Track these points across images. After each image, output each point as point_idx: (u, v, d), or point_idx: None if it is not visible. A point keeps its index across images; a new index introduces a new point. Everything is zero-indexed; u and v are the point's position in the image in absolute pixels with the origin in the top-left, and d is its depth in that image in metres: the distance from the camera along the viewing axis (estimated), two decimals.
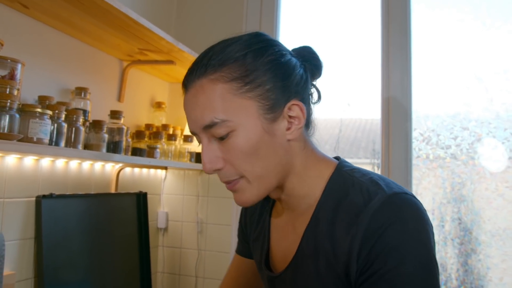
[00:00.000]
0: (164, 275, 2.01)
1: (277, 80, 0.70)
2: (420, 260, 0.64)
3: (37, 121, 1.07)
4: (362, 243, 0.66)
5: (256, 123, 0.69)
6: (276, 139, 0.71)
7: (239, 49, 0.70)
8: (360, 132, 2.34)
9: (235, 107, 0.68)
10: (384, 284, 0.64)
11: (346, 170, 0.76)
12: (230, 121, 0.68)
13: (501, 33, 1.77)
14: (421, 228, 0.66)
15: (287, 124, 0.72)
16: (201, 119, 0.69)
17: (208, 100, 0.68)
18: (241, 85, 0.68)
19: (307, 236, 0.74)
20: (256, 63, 0.69)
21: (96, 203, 1.55)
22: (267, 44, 0.72)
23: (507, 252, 1.67)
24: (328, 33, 1.97)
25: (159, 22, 1.99)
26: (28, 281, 1.30)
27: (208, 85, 0.69)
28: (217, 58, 0.69)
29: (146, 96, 1.93)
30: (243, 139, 0.69)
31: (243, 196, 0.73)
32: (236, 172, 0.71)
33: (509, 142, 1.71)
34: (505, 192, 1.69)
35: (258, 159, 0.70)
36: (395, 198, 0.68)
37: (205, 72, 0.69)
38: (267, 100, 0.69)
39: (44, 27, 1.36)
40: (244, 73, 0.68)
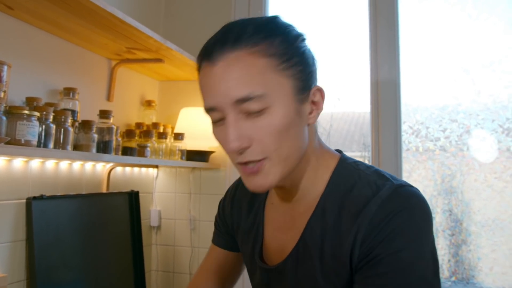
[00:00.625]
0: (158, 273, 2.02)
1: (307, 64, 0.71)
2: (422, 250, 0.66)
3: (24, 123, 1.07)
4: (368, 230, 0.67)
5: (290, 102, 0.68)
6: (302, 121, 0.70)
7: (279, 27, 0.70)
8: (353, 125, 2.35)
9: (273, 82, 0.66)
10: (382, 267, 0.65)
11: (350, 163, 0.77)
12: (268, 96, 0.65)
13: (487, 25, 1.78)
14: (426, 219, 0.68)
15: (310, 108, 0.72)
16: (235, 92, 0.65)
17: (247, 73, 0.65)
18: (281, 61, 0.67)
19: (310, 227, 0.74)
20: (294, 43, 0.70)
21: (87, 203, 1.55)
22: (298, 33, 0.74)
23: (496, 242, 1.69)
24: (316, 27, 1.97)
25: (147, 20, 1.98)
26: (20, 283, 1.30)
27: (246, 58, 0.66)
28: (252, 33, 0.67)
29: (135, 94, 1.92)
30: (278, 117, 0.66)
31: (264, 179, 0.68)
32: (262, 151, 0.67)
33: (497, 133, 1.73)
34: (494, 183, 1.71)
35: (288, 139, 0.68)
36: (403, 189, 0.69)
37: (240, 44, 0.66)
38: (300, 81, 0.69)
39: (29, 28, 1.35)
40: (284, 51, 0.68)
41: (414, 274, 0.64)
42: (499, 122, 1.72)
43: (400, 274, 0.64)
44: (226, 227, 0.95)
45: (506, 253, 1.68)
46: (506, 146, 1.72)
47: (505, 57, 1.74)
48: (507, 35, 1.74)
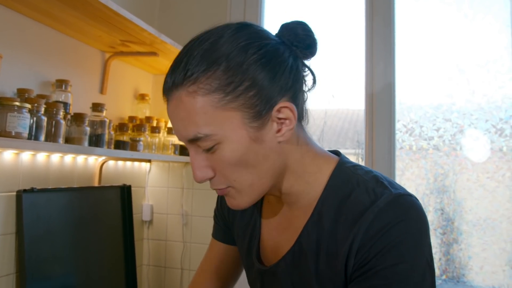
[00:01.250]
0: (150, 268, 2.01)
1: (262, 83, 0.65)
2: (418, 262, 0.65)
3: (15, 115, 1.05)
4: (364, 240, 0.65)
5: (242, 134, 0.65)
6: (265, 145, 0.67)
7: (216, 55, 0.64)
8: (346, 123, 2.35)
9: (218, 120, 0.64)
10: (378, 280, 0.64)
11: (348, 167, 0.74)
12: (215, 135, 0.64)
13: (483, 25, 1.78)
14: (423, 231, 0.67)
15: (277, 126, 0.68)
16: (185, 133, 0.66)
17: (189, 115, 0.64)
18: (222, 96, 0.63)
19: (307, 231, 0.73)
20: (233, 72, 0.64)
21: (79, 196, 1.53)
22: (248, 44, 0.65)
23: (487, 242, 1.70)
24: (313, 24, 1.96)
25: (142, 13, 1.96)
26: (9, 276, 1.29)
27: (187, 99, 0.64)
28: (192, 66, 0.64)
29: (129, 88, 1.91)
30: (229, 152, 0.65)
31: (234, 202, 0.71)
32: (224, 182, 0.69)
33: (490, 133, 1.73)
34: (486, 183, 1.72)
35: (247, 168, 0.67)
36: (402, 199, 0.67)
37: (182, 83, 0.64)
38: (251, 108, 0.64)
39: (22, 18, 1.33)
40: (224, 82, 0.63)
41: (409, 286, 0.64)
42: (493, 122, 1.73)
43: (396, 286, 0.63)
44: (224, 220, 0.93)
45: (496, 253, 1.69)
46: (498, 146, 1.72)
47: (500, 57, 1.74)
48: (502, 35, 1.75)
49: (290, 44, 0.71)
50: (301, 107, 0.73)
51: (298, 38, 0.71)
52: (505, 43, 1.73)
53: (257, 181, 0.69)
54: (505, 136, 1.71)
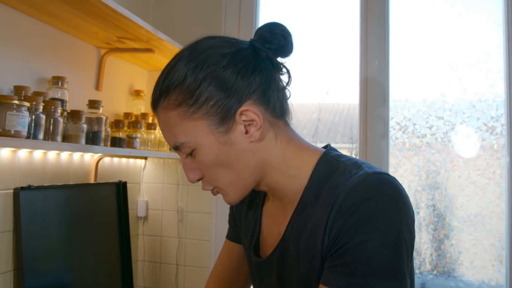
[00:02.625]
0: (145, 264, 2.02)
1: (221, 92, 0.71)
2: (388, 239, 0.65)
3: (14, 113, 1.05)
4: (335, 218, 0.68)
5: (210, 139, 0.72)
6: (237, 146, 0.73)
7: (178, 72, 0.72)
8: (337, 117, 2.37)
9: (188, 129, 0.72)
10: (348, 256, 0.65)
11: (332, 155, 0.77)
12: (189, 142, 0.72)
13: (475, 24, 1.81)
14: (395, 208, 0.67)
15: (244, 128, 0.73)
16: (169, 142, 0.76)
17: (167, 126, 0.74)
18: (186, 108, 0.71)
19: (293, 220, 0.77)
20: (194, 83, 0.70)
21: (75, 193, 1.53)
22: (205, 56, 0.72)
23: (477, 237, 1.74)
24: (308, 22, 1.97)
25: (136, 8, 1.95)
26: (7, 274, 1.29)
27: (162, 114, 0.74)
28: (163, 86, 0.73)
29: (124, 84, 1.90)
30: (203, 155, 0.73)
31: (226, 199, 0.78)
32: (210, 183, 0.77)
33: (481, 131, 1.77)
34: (476, 180, 1.76)
35: (224, 168, 0.74)
36: (374, 177, 0.69)
37: (158, 101, 0.74)
38: (214, 115, 0.71)
39: (17, 14, 1.32)
40: (186, 97, 0.71)
41: (381, 263, 0.64)
42: (484, 120, 1.76)
43: (366, 263, 0.64)
44: (234, 222, 0.97)
45: (486, 248, 1.73)
46: (489, 144, 1.76)
47: (492, 56, 1.77)
48: (494, 34, 1.77)
49: (262, 46, 0.75)
50: (279, 105, 0.76)
51: (271, 38, 0.75)
52: (496, 42, 1.76)
53: (236, 179, 0.75)
54: (496, 134, 1.75)
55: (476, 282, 1.74)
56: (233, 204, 0.80)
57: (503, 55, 1.73)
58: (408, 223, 0.68)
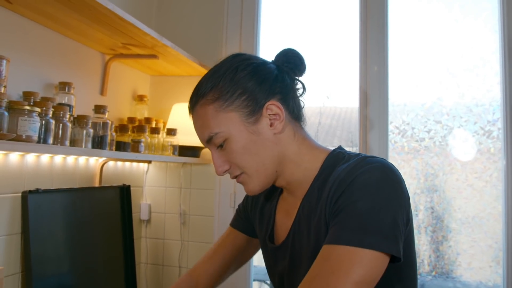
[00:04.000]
0: (148, 266, 2.04)
1: (248, 92, 0.86)
2: (378, 203, 0.74)
3: (26, 119, 1.08)
4: (335, 190, 0.79)
5: (241, 129, 0.86)
6: (262, 136, 0.87)
7: (214, 78, 0.88)
8: (335, 120, 2.40)
9: (222, 120, 0.86)
10: (341, 214, 0.75)
11: (341, 151, 0.90)
12: (222, 132, 0.86)
13: (472, 30, 1.85)
14: (387, 181, 0.77)
15: (269, 121, 0.87)
16: (203, 136, 0.89)
17: (203, 121, 0.88)
18: (222, 102, 0.86)
19: (303, 206, 0.89)
20: (228, 84, 0.86)
21: (81, 196, 1.56)
22: (237, 65, 0.88)
23: (475, 239, 1.78)
24: (309, 29, 2.01)
25: (139, 14, 1.98)
26: (15, 275, 1.31)
27: (200, 110, 0.88)
28: (202, 87, 0.88)
29: (128, 89, 1.93)
30: (235, 144, 0.86)
31: (248, 187, 0.90)
32: (237, 169, 0.88)
33: (479, 135, 1.80)
34: (474, 182, 1.80)
35: (251, 155, 0.86)
36: (372, 159, 0.81)
37: (197, 100, 0.88)
38: (245, 108, 0.86)
39: (26, 22, 1.35)
40: (222, 94, 0.86)
41: (369, 222, 0.72)
42: (481, 124, 1.80)
43: (356, 218, 0.73)
44: (246, 214, 1.10)
45: (484, 249, 1.77)
46: (486, 147, 1.80)
47: (489, 62, 1.81)
48: (490, 41, 1.82)
49: (281, 65, 0.92)
50: (296, 110, 0.92)
51: (289, 59, 0.93)
52: (493, 48, 1.81)
53: (261, 166, 0.87)
54: (493, 137, 1.79)
55: (474, 283, 1.78)
56: (254, 193, 0.90)
57: (499, 60, 1.77)
58: (399, 200, 0.76)
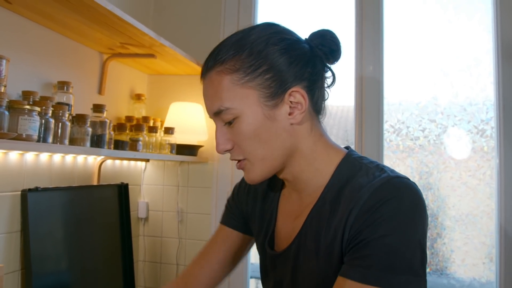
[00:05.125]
0: (146, 264, 2.06)
1: (276, 70, 0.76)
2: (408, 238, 0.68)
3: (26, 118, 1.09)
4: (358, 215, 0.71)
5: (257, 110, 0.76)
6: (278, 124, 0.77)
7: (238, 45, 0.77)
8: (331, 119, 2.42)
9: (238, 96, 0.75)
10: (367, 250, 0.69)
11: (355, 157, 0.82)
12: (234, 109, 0.76)
13: (466, 30, 1.87)
14: (416, 211, 0.71)
15: (289, 109, 0.77)
16: (211, 107, 0.78)
17: (215, 91, 0.77)
18: (243, 75, 0.75)
19: (312, 215, 0.80)
20: (254, 56, 0.75)
21: (79, 195, 1.57)
22: (269, 37, 0.77)
23: (469, 236, 1.81)
24: (305, 29, 2.02)
25: (136, 14, 1.99)
26: (15, 273, 1.33)
27: (215, 77, 0.77)
28: (223, 52, 0.77)
29: (125, 88, 1.94)
30: (245, 125, 0.76)
31: (248, 175, 0.80)
32: (241, 153, 0.79)
33: (472, 133, 1.83)
34: (468, 180, 1.82)
35: (260, 142, 0.77)
36: (397, 180, 0.73)
37: (213, 65, 0.77)
38: (267, 89, 0.75)
39: (25, 21, 1.36)
40: (250, 63, 0.75)
41: (398, 259, 0.67)
42: (474, 123, 1.83)
43: (385, 257, 0.67)
44: (239, 210, 1.00)
45: (477, 246, 1.80)
46: (480, 146, 1.82)
47: (482, 62, 1.84)
48: (484, 41, 1.84)
49: (315, 47, 0.81)
50: (319, 102, 0.82)
51: (324, 42, 0.82)
52: (486, 48, 1.83)
53: (269, 156, 0.78)
54: (486, 136, 1.81)
55: (468, 279, 1.80)
56: (254, 183, 0.81)
57: (492, 60, 1.80)
58: (424, 227, 0.72)
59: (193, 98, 2.00)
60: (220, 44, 0.79)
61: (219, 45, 0.79)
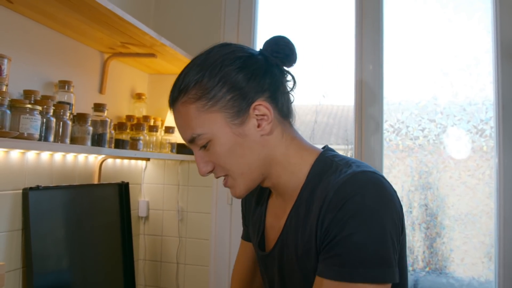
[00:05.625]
0: (146, 262, 2.07)
1: (235, 89, 0.79)
2: (373, 231, 0.70)
3: (27, 117, 1.10)
4: (326, 213, 0.74)
5: (226, 131, 0.79)
6: (249, 138, 0.80)
7: (197, 71, 0.80)
8: (331, 119, 2.43)
9: (206, 121, 0.79)
10: (338, 248, 0.71)
11: (328, 156, 0.84)
12: (205, 134, 0.79)
13: (465, 30, 1.88)
14: (380, 203, 0.72)
15: (256, 122, 0.80)
16: (185, 136, 0.82)
17: (184, 120, 0.81)
18: (205, 102, 0.78)
19: (291, 215, 0.84)
20: (213, 81, 0.79)
21: (80, 194, 1.58)
22: (222, 58, 0.80)
23: (468, 235, 1.81)
24: (306, 29, 2.03)
25: (137, 13, 2.00)
26: (17, 271, 1.34)
27: (181, 108, 0.81)
28: (183, 84, 0.80)
29: (126, 87, 1.95)
30: (219, 146, 0.80)
31: (234, 191, 0.85)
32: (222, 170, 0.83)
33: (472, 133, 1.84)
34: (467, 180, 1.83)
35: (236, 158, 0.80)
36: (360, 175, 0.75)
37: (178, 96, 0.81)
38: (231, 109, 0.79)
39: (26, 21, 1.36)
40: (205, 92, 0.78)
41: (369, 254, 0.70)
42: (474, 123, 1.83)
43: (356, 254, 0.70)
44: (246, 221, 1.06)
45: (476, 246, 1.80)
46: (479, 145, 1.83)
47: (482, 61, 1.84)
48: (483, 40, 1.85)
49: (270, 55, 0.84)
50: (286, 107, 0.85)
51: (278, 48, 0.84)
52: (486, 48, 1.83)
53: (247, 170, 0.82)
54: (485, 136, 1.82)
55: (467, 278, 1.81)
56: (241, 197, 0.85)
57: (492, 60, 1.80)
58: (392, 217, 0.73)
59: None
60: (181, 74, 0.82)
61: (180, 75, 0.83)
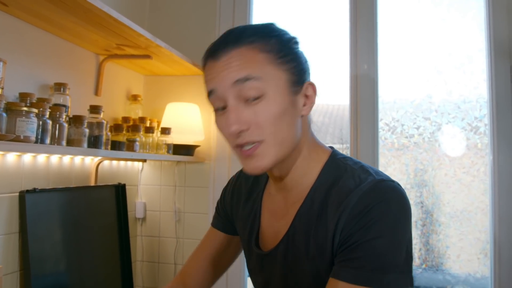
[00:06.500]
0: (144, 264, 2.07)
1: (300, 62, 0.80)
2: (396, 239, 0.72)
3: (23, 120, 1.10)
4: (348, 219, 0.74)
5: (285, 92, 0.77)
6: (296, 111, 0.79)
7: (274, 30, 0.80)
8: (327, 118, 2.44)
9: (270, 73, 0.75)
10: (358, 252, 0.72)
11: (339, 158, 0.84)
12: (264, 82, 0.74)
13: (459, 29, 1.89)
14: (402, 213, 0.75)
15: (303, 100, 0.80)
16: (235, 74, 0.74)
17: (246, 62, 0.75)
18: (277, 56, 0.76)
19: (300, 215, 0.82)
20: (288, 44, 0.80)
21: (77, 196, 1.58)
22: (292, 35, 0.83)
23: (463, 232, 1.83)
24: (300, 28, 2.04)
25: (132, 14, 2.00)
26: (14, 274, 1.33)
27: (247, 52, 0.75)
28: (248, 33, 0.77)
29: (122, 89, 1.95)
30: (273, 104, 0.75)
31: (262, 161, 0.76)
32: (259, 134, 0.75)
33: (466, 131, 1.85)
34: (462, 177, 1.84)
35: (283, 125, 0.76)
36: (383, 184, 0.76)
37: (243, 42, 0.76)
38: (294, 75, 0.78)
39: (21, 24, 1.36)
40: (279, 49, 0.77)
41: (387, 259, 0.71)
42: (468, 120, 1.85)
43: (375, 258, 0.71)
44: (225, 212, 1.03)
45: (472, 242, 1.82)
46: (473, 143, 1.84)
47: (475, 60, 1.86)
48: (477, 39, 1.86)
49: None
50: None
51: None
52: (479, 46, 1.85)
53: (287, 141, 0.78)
54: (480, 133, 1.83)
55: (463, 274, 1.83)
56: (264, 170, 0.78)
57: (485, 58, 1.82)
58: (410, 227, 0.77)
59: (189, 99, 2.01)
60: (242, 27, 0.80)
61: (240, 27, 0.80)
